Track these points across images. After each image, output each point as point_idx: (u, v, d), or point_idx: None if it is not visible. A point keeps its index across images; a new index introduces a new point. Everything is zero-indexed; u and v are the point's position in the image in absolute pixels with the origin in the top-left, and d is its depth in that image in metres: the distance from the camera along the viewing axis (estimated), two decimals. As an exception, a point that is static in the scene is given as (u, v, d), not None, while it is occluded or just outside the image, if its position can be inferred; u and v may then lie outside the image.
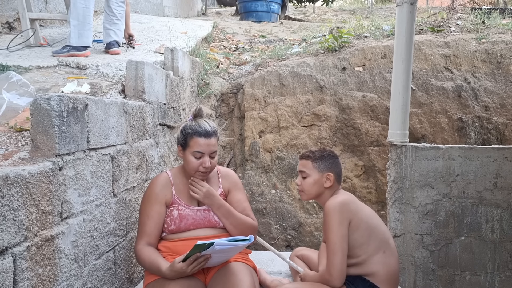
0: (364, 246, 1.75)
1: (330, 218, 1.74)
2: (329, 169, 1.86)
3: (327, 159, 1.88)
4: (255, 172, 3.71)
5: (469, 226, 2.32)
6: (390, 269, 1.77)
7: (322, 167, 1.87)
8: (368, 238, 1.75)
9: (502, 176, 2.27)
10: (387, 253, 1.79)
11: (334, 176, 1.86)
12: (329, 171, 1.86)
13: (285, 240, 3.58)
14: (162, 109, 2.62)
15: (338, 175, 1.89)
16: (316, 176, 1.87)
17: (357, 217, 1.77)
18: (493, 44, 3.99)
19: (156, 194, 1.89)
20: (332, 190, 1.88)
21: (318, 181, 1.87)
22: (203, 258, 1.62)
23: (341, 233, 1.72)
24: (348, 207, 1.77)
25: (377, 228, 1.80)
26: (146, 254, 1.78)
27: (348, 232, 1.74)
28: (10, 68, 2.66)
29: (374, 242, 1.76)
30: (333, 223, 1.73)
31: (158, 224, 1.86)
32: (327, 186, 1.86)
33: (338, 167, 1.90)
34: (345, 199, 1.80)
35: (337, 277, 1.72)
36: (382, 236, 1.80)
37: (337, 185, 1.89)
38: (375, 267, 1.74)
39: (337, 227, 1.73)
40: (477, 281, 2.33)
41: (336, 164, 1.89)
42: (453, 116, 3.79)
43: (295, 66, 3.86)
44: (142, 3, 7.26)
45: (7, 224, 1.22)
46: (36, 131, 1.46)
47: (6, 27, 3.92)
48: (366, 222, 1.78)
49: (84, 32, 3.22)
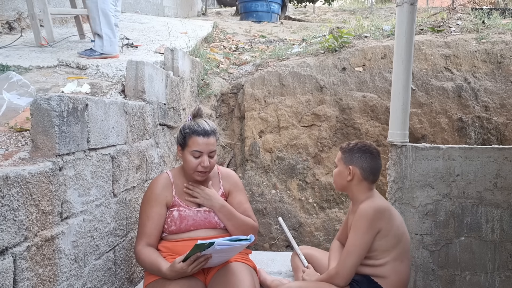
0: (386, 253, 1.73)
1: (361, 223, 1.71)
2: (353, 162, 1.81)
3: (354, 152, 1.82)
4: (255, 172, 3.71)
5: (469, 226, 2.32)
6: (402, 277, 1.76)
7: (347, 159, 1.82)
8: (392, 246, 1.73)
9: (502, 176, 2.27)
10: (404, 263, 1.77)
11: (359, 171, 1.79)
12: (352, 164, 1.81)
13: (285, 240, 3.58)
14: (162, 109, 2.62)
15: (364, 170, 1.80)
16: (341, 167, 1.85)
17: (388, 225, 1.73)
18: (493, 44, 3.99)
19: (156, 195, 1.89)
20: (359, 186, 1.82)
21: (342, 173, 1.84)
22: (203, 258, 1.62)
23: (365, 240, 1.70)
24: (382, 215, 1.73)
25: (403, 238, 1.78)
26: (146, 255, 1.78)
27: (375, 238, 1.71)
28: (10, 68, 2.66)
29: (397, 251, 1.74)
30: (362, 228, 1.70)
31: (158, 225, 1.86)
32: (348, 180, 1.81)
33: (367, 163, 1.80)
34: (382, 206, 1.76)
35: (344, 278, 1.71)
36: (405, 246, 1.79)
37: (365, 183, 1.81)
38: (388, 272, 1.73)
39: (363, 233, 1.70)
40: (477, 281, 2.33)
41: (364, 159, 1.80)
42: (453, 116, 3.79)
43: (295, 66, 3.86)
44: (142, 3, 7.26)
45: (7, 224, 1.22)
46: (36, 131, 1.46)
47: (6, 27, 3.91)
48: (395, 231, 1.75)
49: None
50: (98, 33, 3.31)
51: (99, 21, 3.31)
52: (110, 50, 3.33)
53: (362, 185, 1.82)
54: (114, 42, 3.40)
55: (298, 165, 3.70)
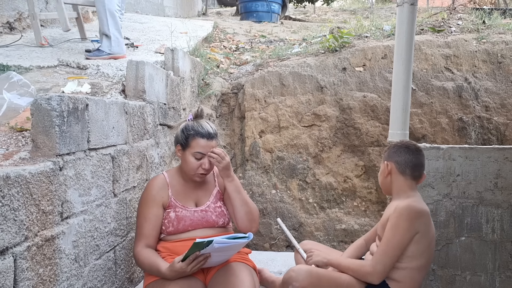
0: (411, 259, 1.71)
1: (400, 221, 1.68)
2: (389, 157, 1.82)
3: (391, 147, 1.83)
4: (256, 172, 3.71)
5: (470, 226, 2.32)
6: (414, 285, 1.74)
7: (385, 156, 1.84)
8: (419, 255, 1.71)
9: (503, 176, 2.27)
10: (422, 273, 1.75)
11: (395, 165, 1.79)
12: (388, 160, 1.81)
13: (286, 240, 3.58)
14: (162, 109, 2.62)
15: (399, 164, 1.78)
16: (382, 165, 1.86)
17: (425, 232, 1.71)
18: (494, 44, 3.99)
19: (153, 196, 1.89)
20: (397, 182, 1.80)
21: (382, 171, 1.86)
22: (202, 257, 1.62)
23: (404, 240, 1.68)
24: (422, 217, 1.71)
25: (430, 250, 1.76)
26: (145, 256, 1.77)
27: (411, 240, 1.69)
28: (11, 68, 2.66)
29: (420, 261, 1.72)
30: (402, 227, 1.67)
31: (155, 226, 1.86)
32: (385, 175, 1.82)
33: (401, 156, 1.79)
34: (423, 208, 1.74)
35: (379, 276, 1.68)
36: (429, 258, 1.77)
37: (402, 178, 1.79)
38: (404, 278, 1.72)
39: (403, 233, 1.67)
40: (477, 281, 2.33)
41: (398, 153, 1.79)
42: (453, 116, 3.79)
43: (295, 66, 3.86)
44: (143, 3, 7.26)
45: (8, 224, 1.22)
46: (37, 131, 1.47)
47: (7, 27, 3.91)
48: (427, 241, 1.73)
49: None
50: (106, 33, 3.32)
51: (106, 21, 3.33)
52: (118, 51, 3.35)
53: (401, 181, 1.79)
54: (121, 42, 3.42)
55: (299, 165, 3.70)
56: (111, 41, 3.31)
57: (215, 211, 1.92)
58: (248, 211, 1.90)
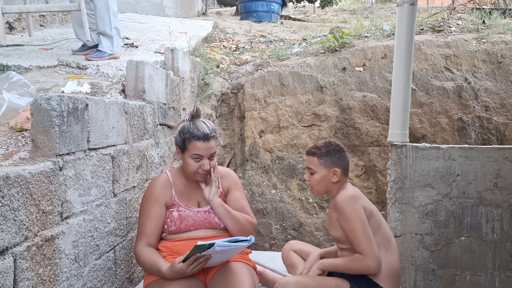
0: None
1: (347, 211, 1.74)
2: (335, 164, 1.84)
3: (333, 154, 1.85)
4: (256, 172, 3.71)
5: (470, 226, 2.32)
6: (391, 267, 1.77)
7: (328, 163, 1.85)
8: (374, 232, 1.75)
9: (503, 176, 2.27)
10: (389, 251, 1.79)
11: (341, 171, 1.84)
12: (335, 166, 1.84)
13: (285, 240, 3.58)
14: (162, 109, 2.62)
15: (345, 168, 1.87)
16: (323, 172, 1.86)
17: (368, 209, 1.78)
18: (494, 44, 3.99)
19: (155, 195, 1.89)
20: (339, 184, 1.86)
21: (325, 177, 1.86)
22: (203, 258, 1.62)
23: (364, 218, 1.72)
24: (359, 199, 1.78)
25: (381, 225, 1.81)
26: (146, 255, 1.77)
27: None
28: (11, 68, 2.66)
29: (377, 238, 1.76)
30: (352, 214, 1.73)
31: (157, 225, 1.86)
32: (334, 181, 1.85)
33: (345, 161, 1.88)
34: (356, 193, 1.82)
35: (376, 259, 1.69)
36: (385, 233, 1.81)
37: (344, 178, 1.88)
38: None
39: (357, 215, 1.72)
40: (477, 281, 2.33)
41: (342, 158, 1.87)
42: (453, 116, 3.79)
43: (295, 66, 3.86)
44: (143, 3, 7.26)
45: (8, 224, 1.22)
46: (37, 131, 1.46)
47: (7, 27, 3.92)
48: (373, 218, 1.78)
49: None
50: (108, 33, 3.27)
51: (109, 20, 3.27)
52: (117, 51, 3.33)
53: (341, 182, 1.87)
54: (119, 43, 3.40)
55: (298, 165, 3.70)
56: (113, 41, 3.29)
57: None
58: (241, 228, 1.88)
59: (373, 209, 1.82)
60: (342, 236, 1.80)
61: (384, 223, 1.85)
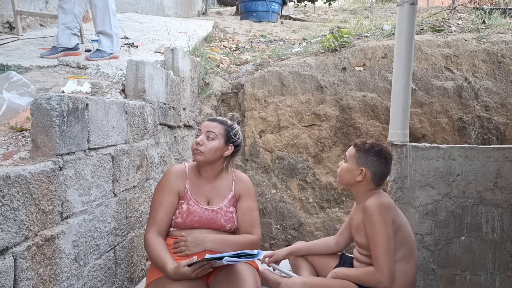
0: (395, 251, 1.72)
1: (376, 218, 1.70)
2: (366, 165, 1.80)
3: (370, 155, 1.81)
4: (256, 172, 3.71)
5: (470, 226, 2.31)
6: (408, 278, 1.76)
7: (361, 160, 1.81)
8: (400, 245, 1.73)
9: (503, 176, 2.27)
10: (410, 263, 1.77)
11: (370, 175, 1.79)
12: (365, 166, 1.80)
13: (286, 240, 3.58)
14: (162, 109, 2.62)
15: (376, 175, 1.80)
16: (352, 165, 1.83)
17: (397, 222, 1.74)
18: (494, 44, 3.99)
19: (170, 183, 1.91)
20: (366, 187, 1.82)
21: (351, 171, 1.83)
22: (208, 265, 1.64)
23: (390, 233, 1.69)
24: (390, 208, 1.74)
25: (409, 237, 1.79)
26: (155, 246, 1.78)
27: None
28: (11, 68, 2.66)
29: (403, 250, 1.74)
30: (380, 223, 1.69)
31: (169, 213, 1.88)
32: (358, 180, 1.81)
33: (379, 168, 1.81)
34: (389, 202, 1.78)
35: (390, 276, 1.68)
36: (411, 246, 1.79)
37: (373, 185, 1.82)
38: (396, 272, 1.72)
39: (384, 227, 1.69)
40: (477, 281, 2.33)
41: (378, 164, 1.80)
42: (453, 116, 3.79)
43: (295, 66, 3.86)
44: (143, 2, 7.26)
45: (8, 223, 1.22)
46: (37, 130, 1.46)
47: (7, 27, 3.91)
48: (402, 229, 1.75)
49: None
50: (108, 32, 3.27)
51: (109, 20, 3.28)
52: (117, 50, 3.33)
53: (369, 187, 1.83)
54: (118, 43, 3.40)
55: (299, 165, 3.70)
56: (113, 40, 3.29)
57: (226, 215, 1.91)
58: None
59: (402, 223, 1.77)
60: (366, 244, 1.78)
61: (411, 235, 1.81)
